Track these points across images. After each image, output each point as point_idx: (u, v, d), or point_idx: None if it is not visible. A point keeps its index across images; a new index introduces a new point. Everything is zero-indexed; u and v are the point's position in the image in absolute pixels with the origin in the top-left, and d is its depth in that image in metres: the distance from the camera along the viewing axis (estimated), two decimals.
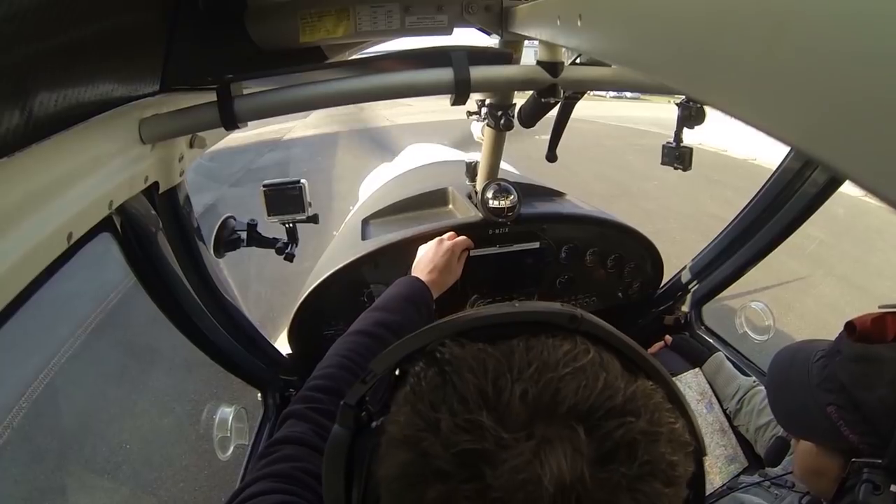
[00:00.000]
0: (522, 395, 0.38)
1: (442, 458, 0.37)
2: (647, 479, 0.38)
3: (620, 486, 0.37)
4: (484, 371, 0.40)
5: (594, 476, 0.36)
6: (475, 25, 1.07)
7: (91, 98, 0.72)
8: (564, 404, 0.38)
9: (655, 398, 0.43)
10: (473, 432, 0.37)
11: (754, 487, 1.11)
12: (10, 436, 2.97)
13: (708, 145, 9.79)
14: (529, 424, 0.37)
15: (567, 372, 0.40)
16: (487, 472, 0.36)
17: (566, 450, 0.36)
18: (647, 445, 0.39)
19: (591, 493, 0.36)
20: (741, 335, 1.83)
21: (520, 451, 0.36)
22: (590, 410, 0.38)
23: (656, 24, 0.34)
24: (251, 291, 4.23)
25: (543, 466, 0.36)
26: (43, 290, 0.68)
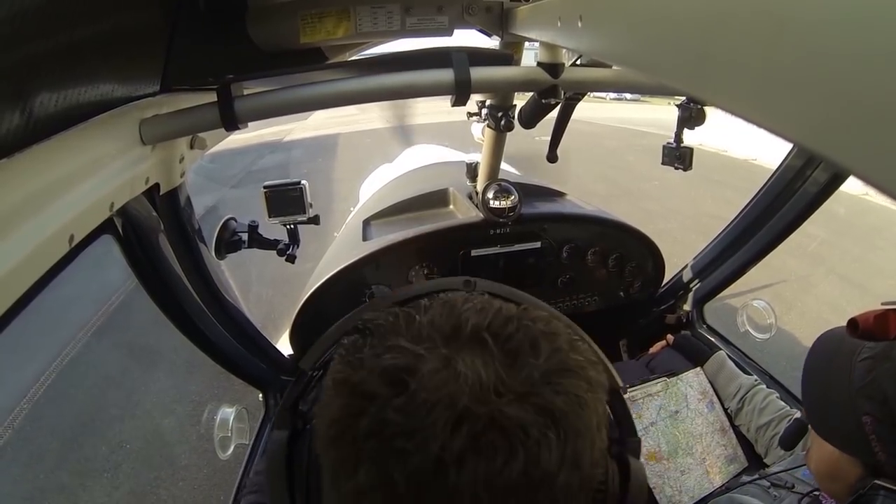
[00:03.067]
0: (431, 322, 0.44)
1: (368, 381, 0.41)
2: (563, 374, 0.42)
3: (533, 378, 0.41)
4: (396, 317, 0.46)
5: (508, 370, 0.41)
6: (476, 26, 1.07)
7: (91, 98, 0.72)
8: (468, 325, 0.43)
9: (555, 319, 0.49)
10: (392, 351, 0.42)
11: (753, 488, 1.11)
12: (11, 436, 2.98)
13: (708, 146, 9.80)
14: (441, 342, 0.42)
15: (467, 307, 0.46)
16: (411, 381, 0.40)
17: (475, 353, 0.41)
18: (548, 343, 0.44)
19: (508, 385, 0.40)
20: (743, 333, 1.83)
21: (436, 358, 0.41)
22: (490, 325, 0.44)
23: (657, 24, 0.34)
24: (252, 293, 4.23)
25: (459, 365, 0.40)
26: (45, 292, 0.69)
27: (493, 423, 0.38)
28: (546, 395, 0.40)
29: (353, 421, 0.40)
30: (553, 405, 0.40)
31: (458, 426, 0.38)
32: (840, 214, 5.87)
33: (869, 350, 0.83)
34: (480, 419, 0.38)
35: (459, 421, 0.38)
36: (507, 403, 0.39)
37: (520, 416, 0.39)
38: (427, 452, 0.37)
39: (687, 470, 1.41)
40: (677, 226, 6.36)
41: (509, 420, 0.38)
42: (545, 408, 0.40)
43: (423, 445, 0.37)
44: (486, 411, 0.38)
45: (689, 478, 1.40)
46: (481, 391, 0.39)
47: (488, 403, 0.38)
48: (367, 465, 0.39)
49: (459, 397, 0.38)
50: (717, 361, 1.60)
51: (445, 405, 0.38)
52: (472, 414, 0.38)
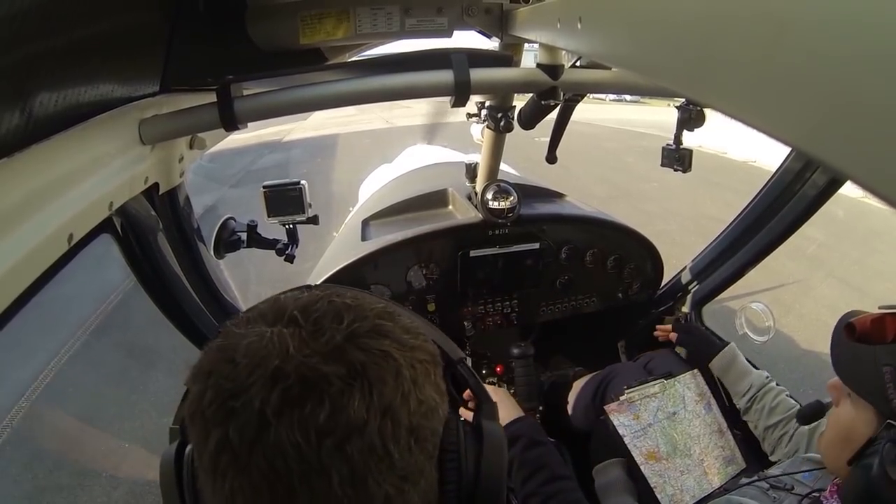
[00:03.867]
0: (259, 313, 0.51)
1: (206, 363, 0.48)
2: (367, 335, 0.48)
3: (336, 339, 0.46)
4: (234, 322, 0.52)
5: (313, 335, 0.47)
6: (475, 28, 1.07)
7: (91, 98, 0.72)
8: (287, 310, 0.50)
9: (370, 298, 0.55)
10: (223, 336, 0.50)
11: (752, 489, 1.11)
12: (10, 436, 2.97)
13: (707, 147, 9.80)
14: (267, 323, 0.49)
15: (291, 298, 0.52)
16: (236, 354, 0.46)
17: (289, 328, 0.48)
18: (353, 313, 0.50)
19: (313, 346, 0.46)
20: (741, 336, 1.83)
21: (255, 333, 0.47)
22: (305, 305, 0.50)
23: (656, 26, 0.34)
24: (251, 292, 4.23)
25: (272, 336, 0.46)
26: (44, 290, 0.69)
27: (301, 378, 0.44)
28: (349, 353, 0.46)
29: (200, 398, 0.47)
30: (356, 360, 0.46)
31: (273, 383, 0.44)
32: (839, 217, 5.87)
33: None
34: (290, 375, 0.44)
35: (274, 379, 0.44)
36: (312, 359, 0.45)
37: (322, 369, 0.44)
38: (251, 408, 0.43)
39: (686, 470, 1.41)
40: (676, 227, 6.37)
41: (312, 372, 0.44)
42: (347, 361, 0.45)
43: (248, 403, 0.44)
44: (293, 367, 0.44)
45: (689, 478, 1.40)
46: (288, 353, 0.45)
47: (295, 359, 0.44)
48: (212, 431, 0.45)
49: (270, 360, 0.45)
50: (729, 355, 1.57)
51: (262, 368, 0.44)
52: (283, 372, 0.44)
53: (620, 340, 2.20)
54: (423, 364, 0.51)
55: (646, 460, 1.40)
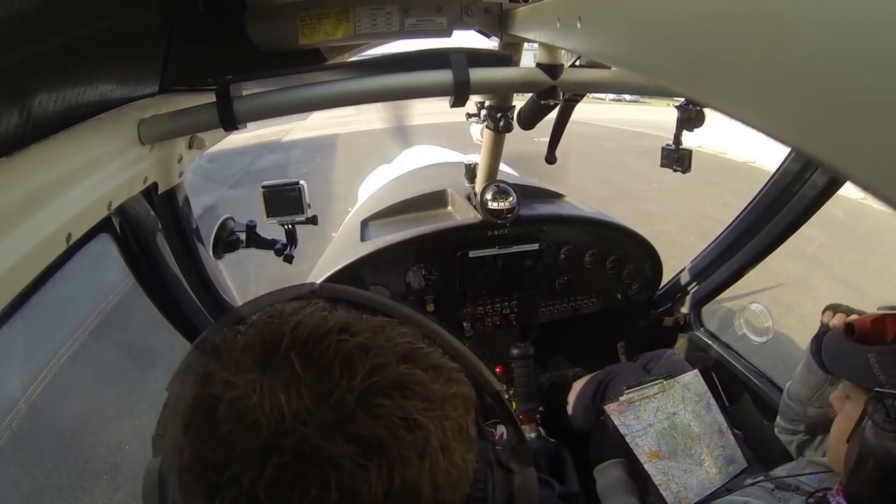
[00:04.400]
0: (245, 344, 0.42)
1: (185, 412, 0.40)
2: (385, 393, 0.38)
3: (345, 400, 0.37)
4: (221, 339, 0.44)
5: (315, 395, 0.37)
6: (475, 27, 1.07)
7: (90, 98, 0.71)
8: (283, 343, 0.40)
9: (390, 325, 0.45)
10: (204, 381, 0.40)
11: (757, 490, 1.11)
12: (9, 437, 2.96)
13: (707, 148, 9.79)
14: (256, 367, 0.40)
15: (288, 322, 0.42)
16: (217, 411, 0.38)
17: (284, 377, 0.38)
18: (367, 359, 0.39)
19: (314, 413, 0.37)
20: (740, 336, 1.83)
21: (241, 385, 0.38)
22: (305, 340, 0.40)
23: (656, 26, 0.34)
24: (250, 293, 4.22)
25: (260, 391, 0.37)
26: (42, 290, 0.68)
27: (299, 454, 0.36)
28: (361, 422, 0.37)
29: (178, 454, 0.39)
30: (369, 433, 0.37)
31: (266, 458, 0.36)
32: (838, 218, 5.87)
33: None
34: (287, 451, 0.36)
35: (267, 453, 0.36)
36: (314, 434, 0.36)
37: (327, 449, 0.36)
38: (238, 487, 0.36)
39: (688, 470, 1.41)
40: (676, 228, 6.36)
41: (316, 451, 0.36)
42: (359, 436, 0.37)
43: (235, 479, 0.36)
44: (291, 442, 0.36)
45: (692, 477, 1.40)
46: (283, 420, 0.36)
47: (293, 434, 0.36)
48: (192, 500, 0.38)
49: (260, 428, 0.36)
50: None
51: (249, 437, 0.36)
52: (277, 446, 0.36)
53: (620, 341, 2.20)
54: (455, 420, 0.43)
55: (649, 459, 1.40)
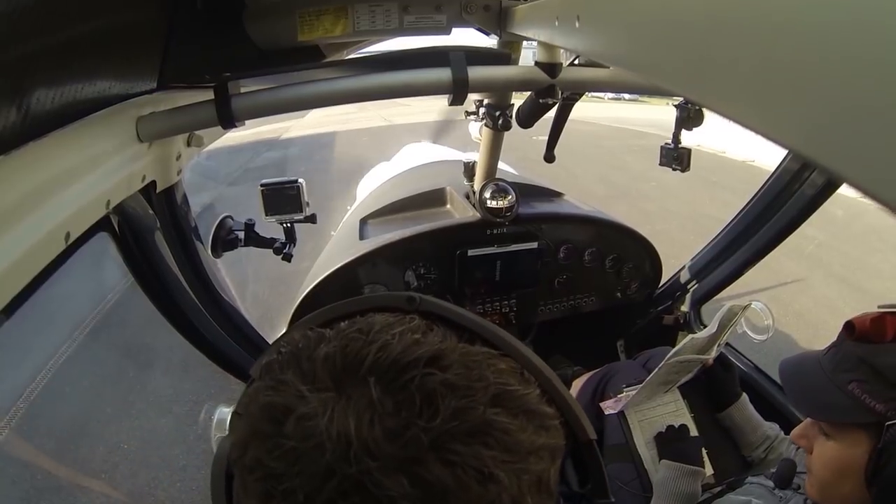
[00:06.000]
0: (326, 358, 0.39)
1: (254, 415, 0.39)
2: (461, 438, 0.36)
3: (419, 440, 0.35)
4: (304, 345, 0.42)
5: (387, 429, 0.35)
6: (474, 25, 1.07)
7: (88, 96, 0.71)
8: (365, 364, 0.38)
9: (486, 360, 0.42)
10: (277, 388, 0.39)
11: (757, 488, 1.10)
12: (8, 436, 2.97)
13: (706, 147, 9.78)
14: (333, 384, 0.38)
15: (376, 341, 0.40)
16: (285, 425, 0.37)
17: (359, 403, 0.36)
18: (453, 399, 0.37)
19: (383, 448, 0.35)
20: (740, 335, 1.83)
21: (314, 402, 0.37)
22: (389, 367, 0.38)
23: (654, 26, 0.34)
24: (249, 291, 4.23)
25: (331, 415, 0.36)
26: (41, 290, 0.68)
27: (360, 486, 0.34)
28: (430, 467, 0.35)
29: (243, 451, 0.39)
30: (436, 480, 0.35)
31: (326, 480, 0.35)
32: (838, 216, 5.88)
33: (825, 348, 0.93)
34: (347, 479, 0.35)
35: (328, 475, 0.35)
36: (379, 469, 0.35)
37: (390, 487, 0.34)
38: (294, 499, 0.36)
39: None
40: (675, 227, 6.37)
41: (377, 488, 0.34)
42: (425, 481, 0.35)
43: (291, 492, 0.36)
44: (354, 473, 0.35)
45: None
46: (349, 450, 0.35)
47: (357, 465, 0.35)
48: (249, 497, 0.39)
49: (325, 452, 0.35)
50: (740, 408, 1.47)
51: (311, 457, 0.36)
52: (338, 472, 0.35)
53: (619, 340, 2.20)
54: (536, 473, 0.39)
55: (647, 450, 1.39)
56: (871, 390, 0.82)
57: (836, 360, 0.88)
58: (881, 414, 0.81)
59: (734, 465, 1.40)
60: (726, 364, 1.49)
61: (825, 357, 0.91)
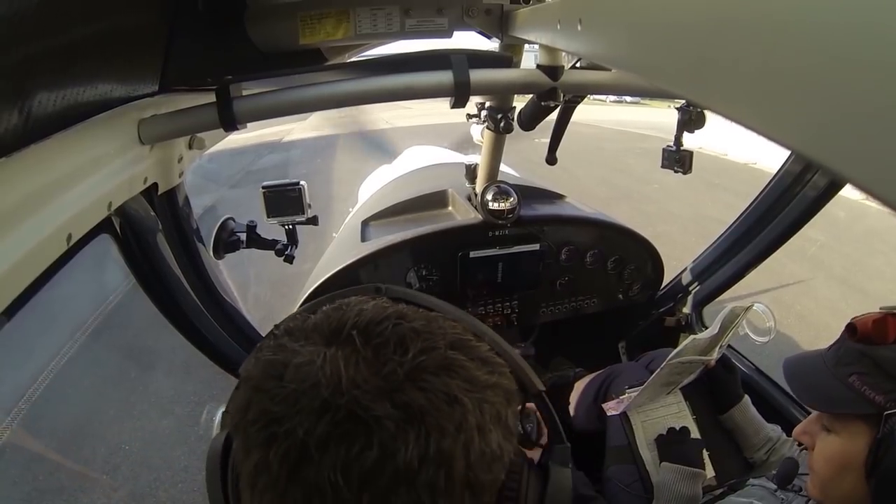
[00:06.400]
0: (315, 325, 0.48)
1: (255, 376, 0.46)
2: (433, 371, 0.44)
3: (396, 373, 0.43)
4: (294, 323, 0.51)
5: (371, 366, 0.43)
6: (475, 29, 1.07)
7: (90, 98, 0.71)
8: (347, 326, 0.46)
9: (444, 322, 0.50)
10: (276, 350, 0.47)
11: (759, 490, 1.10)
12: (10, 437, 2.97)
13: (708, 149, 9.79)
14: (322, 341, 0.46)
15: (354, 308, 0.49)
16: (285, 374, 0.44)
17: (345, 351, 0.44)
18: (419, 342, 0.45)
19: (369, 380, 0.42)
20: (742, 337, 1.83)
21: (307, 353, 0.45)
22: (367, 324, 0.46)
23: (656, 28, 0.34)
24: (250, 293, 4.23)
25: (324, 360, 0.43)
26: (43, 290, 0.69)
27: (351, 414, 0.41)
28: (407, 391, 0.42)
29: (244, 411, 0.45)
30: (412, 402, 0.41)
31: (321, 414, 0.41)
32: (840, 218, 5.87)
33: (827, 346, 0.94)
34: (341, 409, 0.41)
35: (323, 409, 0.41)
36: (366, 396, 0.41)
37: (375, 409, 0.41)
38: (295, 437, 0.41)
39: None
40: (677, 229, 6.36)
41: (365, 411, 0.41)
42: (404, 403, 0.41)
43: (292, 431, 0.41)
44: (345, 402, 0.41)
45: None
46: (341, 383, 0.41)
47: (347, 395, 0.41)
48: (253, 450, 0.43)
49: (320, 389, 0.41)
50: (742, 410, 1.47)
51: (309, 396, 0.42)
52: (333, 404, 0.41)
53: (621, 341, 2.20)
54: (495, 406, 0.46)
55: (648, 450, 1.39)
56: (870, 382, 0.83)
57: (838, 355, 0.89)
58: (880, 405, 0.82)
59: (736, 466, 1.40)
60: (728, 366, 1.48)
61: (828, 353, 0.92)
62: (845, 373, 0.86)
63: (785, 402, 1.56)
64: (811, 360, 0.95)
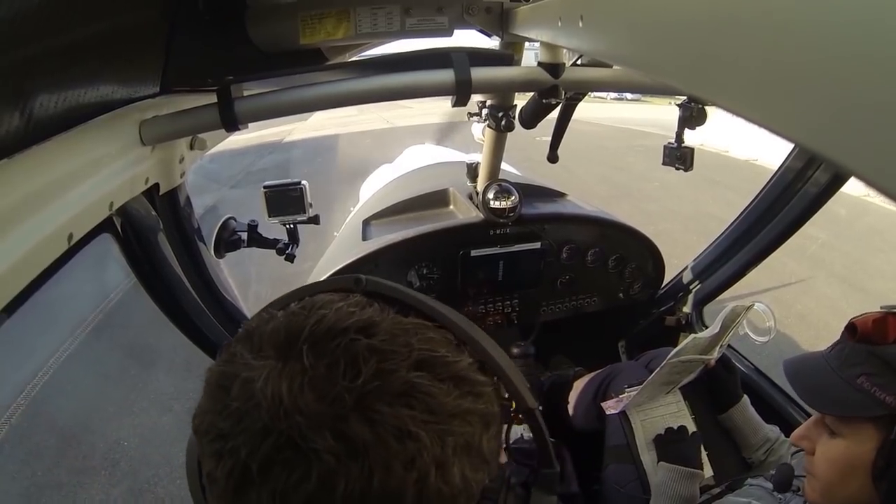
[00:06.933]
0: (272, 331, 0.44)
1: (208, 384, 0.45)
2: (384, 399, 0.39)
3: (343, 399, 0.39)
4: (256, 324, 0.47)
5: (315, 389, 0.39)
6: (476, 27, 1.07)
7: (91, 99, 0.72)
8: (302, 335, 0.42)
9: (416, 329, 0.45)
10: (228, 359, 0.44)
11: (757, 490, 1.10)
12: (9, 433, 2.98)
13: (709, 146, 9.79)
14: (274, 354, 0.42)
15: (316, 313, 0.44)
16: (231, 389, 0.42)
17: (293, 368, 0.40)
18: (374, 363, 0.40)
19: (310, 405, 0.39)
20: (742, 336, 1.82)
21: (256, 368, 0.41)
22: (322, 335, 0.42)
23: (658, 24, 0.34)
24: (251, 292, 4.23)
25: (266, 378, 0.40)
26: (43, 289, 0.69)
27: (290, 442, 0.38)
28: (352, 424, 0.38)
29: (201, 419, 0.44)
30: (356, 435, 0.38)
31: (264, 437, 0.39)
32: (841, 216, 5.86)
33: (829, 347, 0.92)
34: (282, 434, 0.38)
35: (265, 433, 0.39)
36: (306, 425, 0.38)
37: (315, 440, 0.38)
38: (238, 456, 0.39)
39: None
40: (678, 227, 6.36)
41: (304, 441, 0.38)
42: (346, 436, 0.38)
43: (236, 450, 0.40)
44: (286, 428, 0.38)
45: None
46: (280, 408, 0.39)
47: (287, 421, 0.38)
48: (206, 459, 0.43)
49: (260, 412, 0.39)
50: (741, 410, 1.47)
51: (252, 417, 0.39)
52: (273, 429, 0.39)
53: (621, 340, 2.20)
54: (462, 436, 0.42)
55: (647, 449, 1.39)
56: (880, 383, 0.81)
57: (843, 355, 0.87)
58: (891, 406, 0.79)
59: (734, 466, 1.40)
60: (728, 365, 1.48)
61: (830, 354, 0.90)
62: (853, 374, 0.84)
63: (784, 402, 1.56)
64: (813, 361, 0.92)
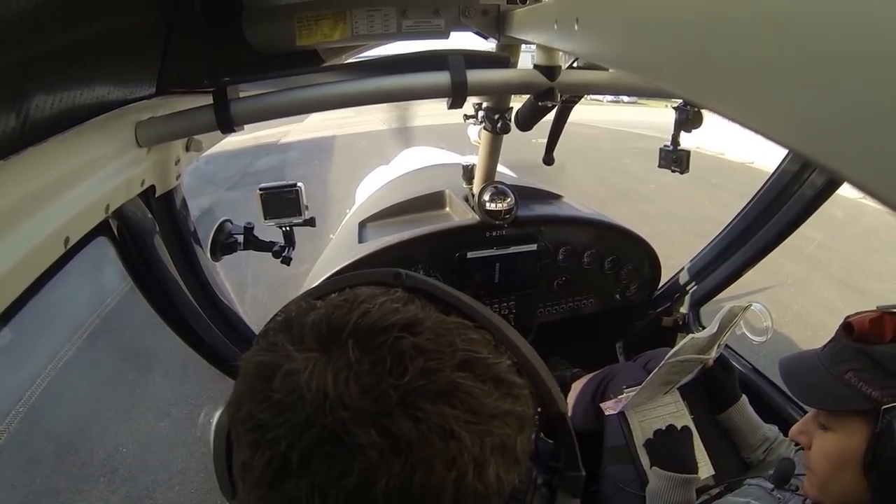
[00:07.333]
0: (313, 323, 0.43)
1: (247, 374, 0.44)
2: (429, 397, 0.39)
3: (388, 396, 0.38)
4: (296, 313, 0.46)
5: (360, 385, 0.39)
6: (472, 29, 1.07)
7: (87, 101, 0.71)
8: (346, 329, 0.42)
9: (459, 329, 0.45)
10: (269, 349, 0.44)
11: (756, 490, 1.10)
12: (7, 440, 2.96)
13: (705, 148, 9.80)
14: (317, 346, 0.42)
15: (360, 309, 0.44)
16: (274, 380, 0.41)
17: (338, 362, 0.40)
18: (421, 361, 0.40)
19: (355, 400, 0.38)
20: (739, 336, 1.83)
21: (299, 360, 0.41)
22: (367, 331, 0.42)
23: (654, 27, 0.34)
24: (248, 295, 4.22)
25: (311, 371, 0.40)
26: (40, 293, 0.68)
27: (333, 436, 0.38)
28: (397, 420, 0.38)
29: (237, 407, 0.43)
30: (401, 432, 0.38)
31: (305, 430, 0.38)
32: (837, 217, 5.88)
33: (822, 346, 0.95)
34: (325, 428, 0.38)
35: (307, 426, 0.38)
36: (351, 420, 0.38)
37: (359, 435, 0.38)
38: (278, 447, 0.39)
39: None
40: (674, 228, 6.37)
41: (349, 436, 0.38)
42: (391, 432, 0.38)
43: (275, 441, 0.39)
44: (329, 422, 0.38)
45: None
46: (326, 401, 0.38)
47: (332, 415, 0.38)
48: (242, 448, 0.42)
49: (304, 405, 0.39)
50: (739, 409, 1.47)
51: (294, 409, 0.39)
52: (317, 422, 0.38)
53: (618, 341, 2.20)
54: (500, 437, 0.42)
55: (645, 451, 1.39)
56: (866, 378, 0.84)
57: (834, 352, 0.90)
58: (877, 400, 0.82)
59: (733, 466, 1.40)
60: (726, 365, 1.49)
61: (823, 352, 0.93)
62: (841, 370, 0.87)
63: (782, 402, 1.57)
64: (807, 359, 0.95)
